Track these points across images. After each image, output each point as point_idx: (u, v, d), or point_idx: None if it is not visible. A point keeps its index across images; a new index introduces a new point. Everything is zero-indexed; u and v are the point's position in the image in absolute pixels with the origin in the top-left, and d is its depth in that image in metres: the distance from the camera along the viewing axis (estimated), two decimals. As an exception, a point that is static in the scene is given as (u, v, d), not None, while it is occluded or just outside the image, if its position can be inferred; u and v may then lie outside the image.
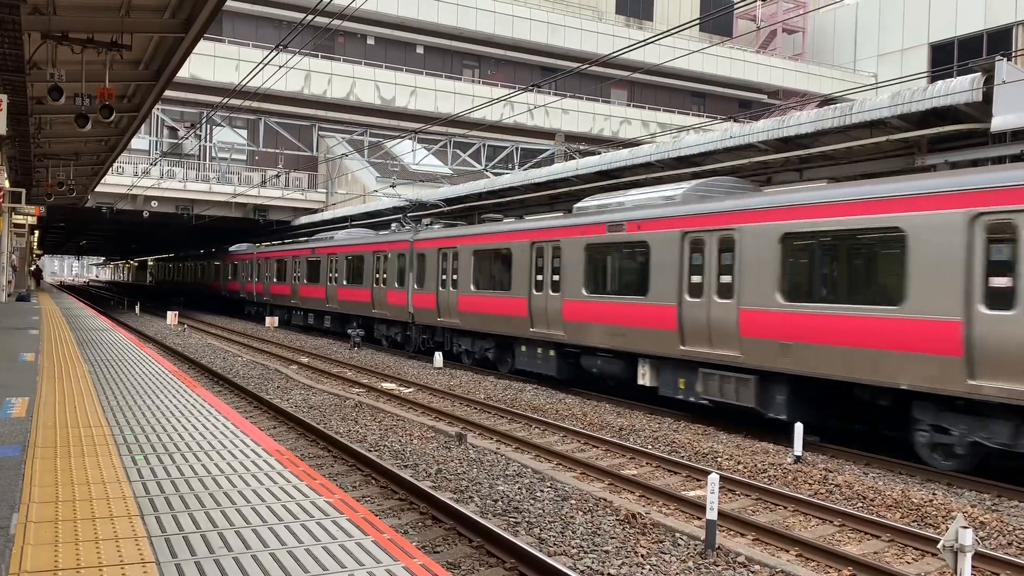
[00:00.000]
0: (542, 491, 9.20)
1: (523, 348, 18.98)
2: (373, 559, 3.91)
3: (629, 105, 54.36)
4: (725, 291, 13.19)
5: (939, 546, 5.69)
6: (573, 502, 8.76)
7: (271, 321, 36.02)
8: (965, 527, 5.51)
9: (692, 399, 13.95)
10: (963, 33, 42.56)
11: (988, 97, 12.08)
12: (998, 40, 39.71)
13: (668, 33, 12.91)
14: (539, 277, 18.15)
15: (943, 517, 8.56)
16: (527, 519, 8.15)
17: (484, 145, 46.53)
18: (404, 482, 9.03)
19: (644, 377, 15.24)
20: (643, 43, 12.93)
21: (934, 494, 9.56)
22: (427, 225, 26.39)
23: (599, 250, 16.29)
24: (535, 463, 10.77)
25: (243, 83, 17.49)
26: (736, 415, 13.90)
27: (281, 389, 16.94)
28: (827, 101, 39.63)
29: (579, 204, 17.93)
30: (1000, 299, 9.48)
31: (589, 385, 17.92)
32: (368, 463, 10.05)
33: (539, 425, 13.61)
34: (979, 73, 12.25)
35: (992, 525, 8.23)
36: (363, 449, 10.95)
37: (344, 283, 29.38)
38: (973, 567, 5.67)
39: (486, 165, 46.06)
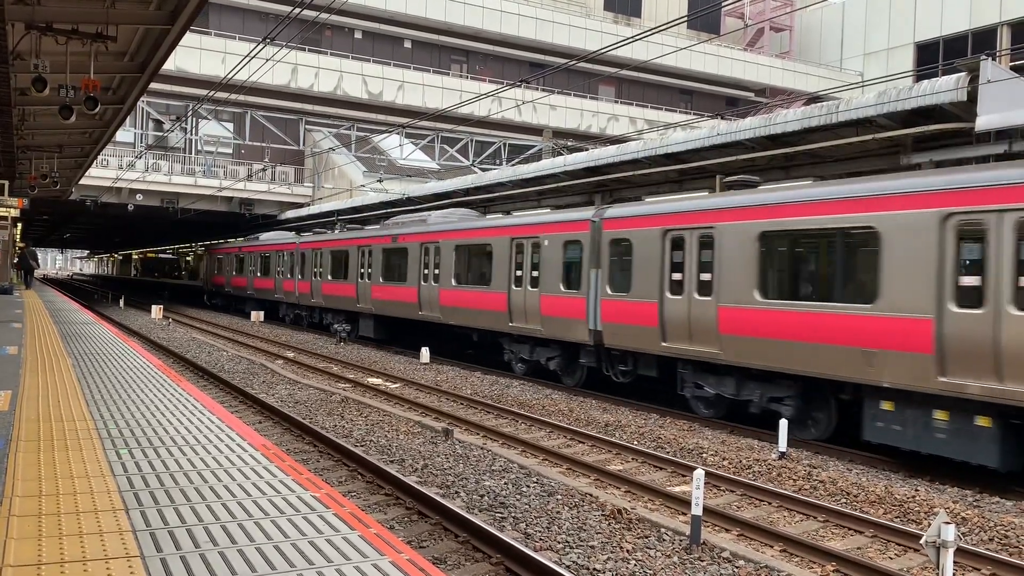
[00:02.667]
0: (528, 486, 9.21)
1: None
2: (360, 553, 3.90)
3: (617, 102, 54.40)
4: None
5: (921, 542, 5.74)
6: (559, 497, 8.78)
7: (256, 316, 35.87)
8: (947, 523, 5.57)
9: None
10: (948, 33, 42.84)
11: (973, 97, 12.16)
12: (983, 40, 40.00)
13: (656, 30, 12.92)
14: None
15: (925, 513, 8.64)
16: (513, 514, 8.17)
17: (472, 141, 46.46)
18: (390, 477, 9.03)
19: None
20: (631, 40, 12.94)
21: (916, 490, 9.64)
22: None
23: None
24: (521, 459, 10.79)
25: (229, 76, 17.39)
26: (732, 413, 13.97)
27: (267, 384, 16.88)
28: (814, 99, 39.78)
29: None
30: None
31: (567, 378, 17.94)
32: (354, 458, 10.03)
33: (526, 421, 13.63)
34: (964, 73, 12.33)
35: (974, 521, 8.32)
36: (349, 444, 10.93)
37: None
38: (955, 562, 5.72)
39: (473, 161, 46.00)
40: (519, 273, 18.43)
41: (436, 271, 21.73)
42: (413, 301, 22.67)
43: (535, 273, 17.80)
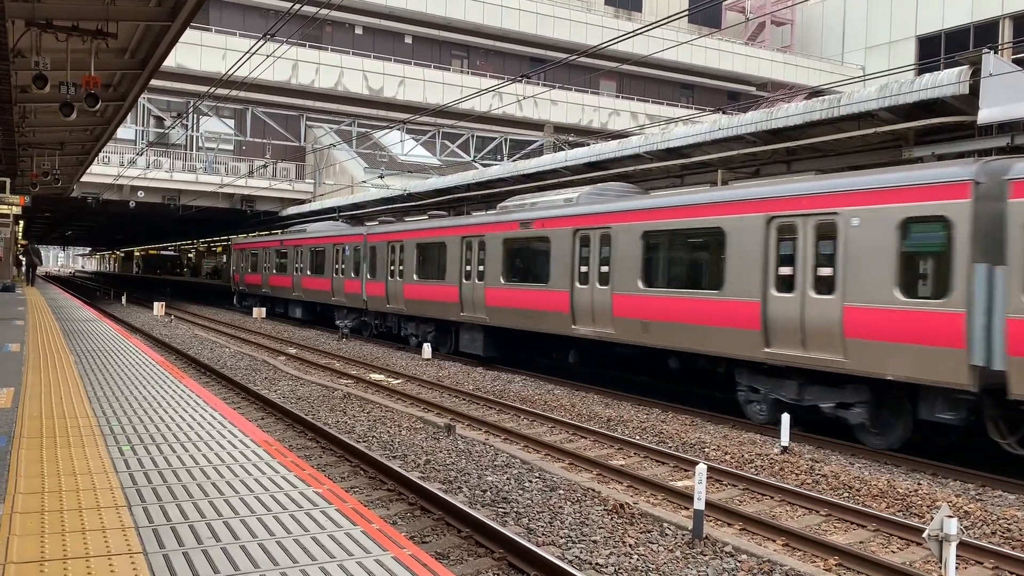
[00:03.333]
0: (531, 481, 9.22)
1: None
2: (363, 549, 3.90)
3: (618, 96, 54.34)
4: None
5: (924, 535, 5.74)
6: (561, 492, 8.78)
7: (258, 312, 35.89)
8: (950, 516, 5.56)
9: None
10: (950, 26, 42.72)
11: (975, 90, 12.14)
12: (984, 33, 39.90)
13: (657, 24, 12.90)
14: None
15: (928, 507, 8.63)
16: (516, 509, 8.17)
17: (473, 136, 46.42)
18: (393, 473, 9.03)
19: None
20: (632, 34, 12.91)
21: (919, 484, 9.64)
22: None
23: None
24: (523, 454, 10.79)
25: (230, 73, 17.37)
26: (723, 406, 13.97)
27: (269, 380, 16.90)
28: (815, 93, 39.72)
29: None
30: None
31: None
32: (357, 454, 10.04)
33: (527, 416, 13.63)
34: (966, 66, 12.30)
35: (976, 515, 8.31)
36: (352, 440, 10.94)
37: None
38: (957, 556, 5.72)
39: (475, 156, 45.96)
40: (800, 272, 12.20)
41: (602, 269, 15.85)
42: (559, 310, 16.90)
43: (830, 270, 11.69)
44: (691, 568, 6.67)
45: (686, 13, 13.37)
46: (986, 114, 12.08)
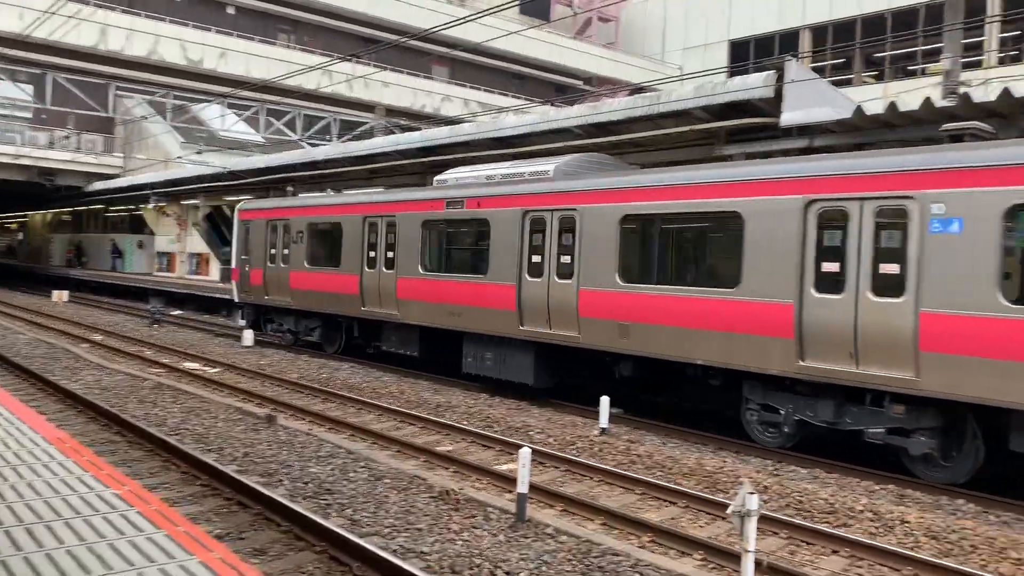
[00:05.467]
0: (356, 471, 9.04)
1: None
2: (166, 554, 3.63)
3: (450, 82, 54.28)
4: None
5: (728, 511, 6.11)
6: (388, 481, 8.67)
7: (59, 295, 33.06)
8: (751, 493, 5.95)
9: None
10: (759, 33, 45.80)
11: (779, 94, 13.06)
12: (789, 41, 43.08)
13: (488, 12, 12.94)
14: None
15: (732, 483, 9.23)
16: (339, 500, 7.98)
17: (300, 114, 44.84)
18: (207, 467, 8.57)
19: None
20: (463, 20, 12.89)
21: (724, 461, 10.29)
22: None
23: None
24: (349, 443, 10.57)
25: (28, 32, 15.76)
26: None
27: (69, 369, 15.57)
28: (638, 90, 41.48)
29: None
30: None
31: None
32: (169, 448, 9.44)
33: (355, 404, 13.37)
34: (772, 71, 13.22)
35: (774, 489, 8.98)
36: (162, 433, 10.27)
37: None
38: (757, 529, 6.13)
39: (302, 135, 44.45)
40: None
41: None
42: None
43: None
44: (514, 551, 6.77)
45: (517, 3, 13.50)
46: (788, 117, 13.05)
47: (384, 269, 16.56)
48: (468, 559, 6.56)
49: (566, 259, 13.03)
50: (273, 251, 20.28)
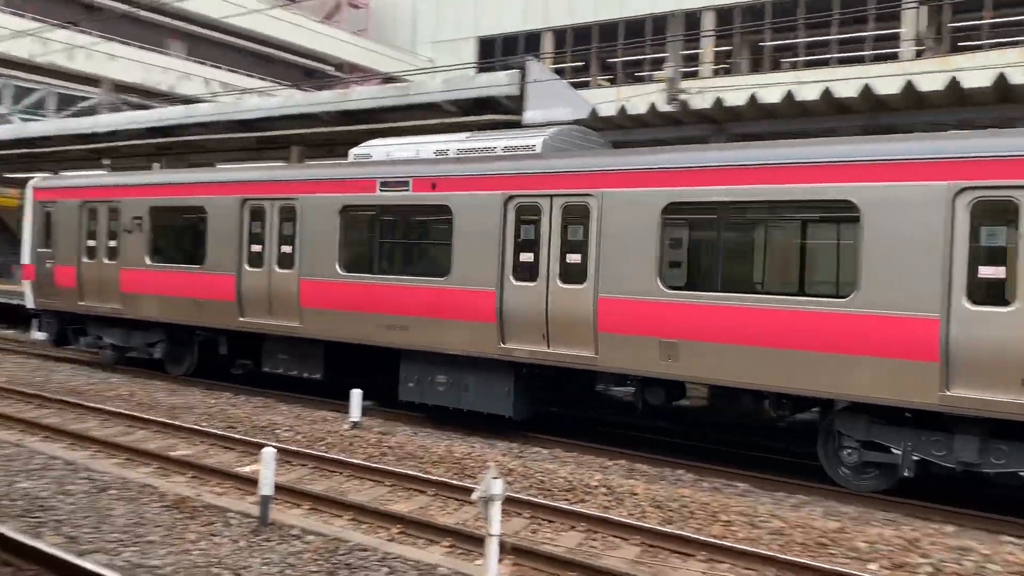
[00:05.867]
0: (75, 483, 8.19)
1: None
2: None
3: (189, 59, 50.77)
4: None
5: (473, 497, 6.26)
6: (113, 492, 7.95)
7: None
8: (496, 478, 6.13)
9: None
10: (506, 31, 47.42)
11: (523, 92, 13.60)
12: (533, 42, 44.99)
13: (228, -13, 12.20)
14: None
15: (480, 467, 9.50)
16: (55, 517, 7.19)
17: (8, 85, 39.72)
18: None
19: None
20: (200, -6, 12.05)
21: (472, 447, 10.57)
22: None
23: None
24: (67, 453, 9.55)
25: None
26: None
27: None
28: (389, 80, 41.35)
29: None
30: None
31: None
32: None
33: (75, 409, 12.11)
34: (516, 70, 13.72)
35: (518, 471, 9.36)
36: None
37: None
38: (503, 511, 6.34)
39: (12, 109, 39.42)
40: None
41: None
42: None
43: None
44: (256, 556, 6.47)
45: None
46: (530, 115, 13.62)
47: (277, 268, 13.18)
48: (206, 569, 6.17)
49: (575, 258, 10.41)
50: (92, 243, 15.84)
